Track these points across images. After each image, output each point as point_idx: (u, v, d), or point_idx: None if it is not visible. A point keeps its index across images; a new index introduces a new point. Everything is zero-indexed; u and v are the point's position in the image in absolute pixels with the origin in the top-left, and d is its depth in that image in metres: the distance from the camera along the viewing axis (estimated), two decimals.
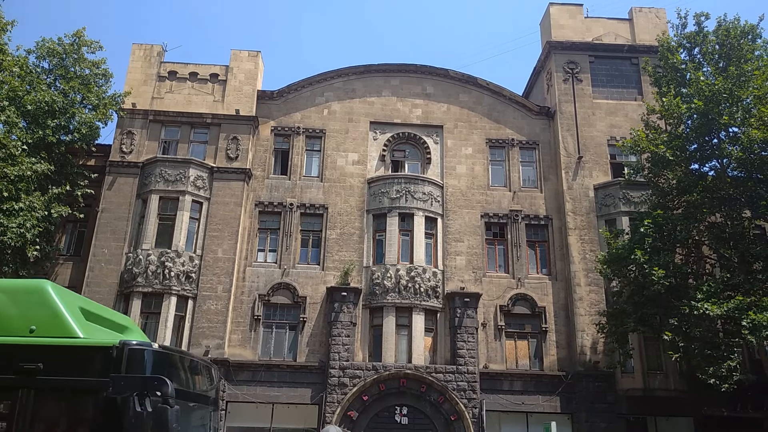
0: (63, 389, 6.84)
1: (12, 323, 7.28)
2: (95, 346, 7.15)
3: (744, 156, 19.02)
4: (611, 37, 27.47)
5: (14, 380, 6.73)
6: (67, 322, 7.36)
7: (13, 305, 7.45)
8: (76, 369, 6.88)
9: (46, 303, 7.52)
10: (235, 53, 26.74)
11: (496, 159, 26.16)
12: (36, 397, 6.72)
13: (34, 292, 7.67)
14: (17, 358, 6.80)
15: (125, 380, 6.60)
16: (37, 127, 21.53)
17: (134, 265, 22.39)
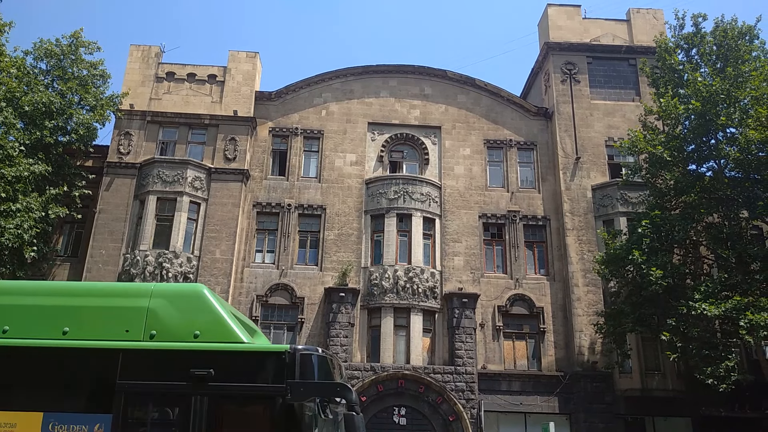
0: (236, 396, 6.75)
1: (176, 328, 7.21)
2: (267, 351, 7.14)
3: (741, 157, 19.06)
4: (609, 38, 27.52)
5: (187, 387, 6.63)
6: (231, 328, 7.30)
7: (175, 310, 7.39)
8: (247, 375, 6.81)
9: (206, 308, 7.46)
10: (233, 54, 26.75)
11: (494, 160, 26.18)
12: (210, 404, 6.61)
13: (193, 296, 7.61)
14: (187, 364, 6.69)
15: (304, 386, 6.51)
16: (34, 128, 21.51)
17: (132, 266, 22.37)
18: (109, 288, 9.11)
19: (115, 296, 7.84)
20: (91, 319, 7.37)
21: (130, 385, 6.75)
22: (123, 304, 7.55)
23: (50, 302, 7.60)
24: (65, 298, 7.68)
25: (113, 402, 6.68)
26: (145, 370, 6.93)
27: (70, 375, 7.07)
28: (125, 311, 7.43)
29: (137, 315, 7.35)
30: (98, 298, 7.73)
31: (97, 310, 7.50)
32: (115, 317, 7.38)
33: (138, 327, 7.26)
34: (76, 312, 7.43)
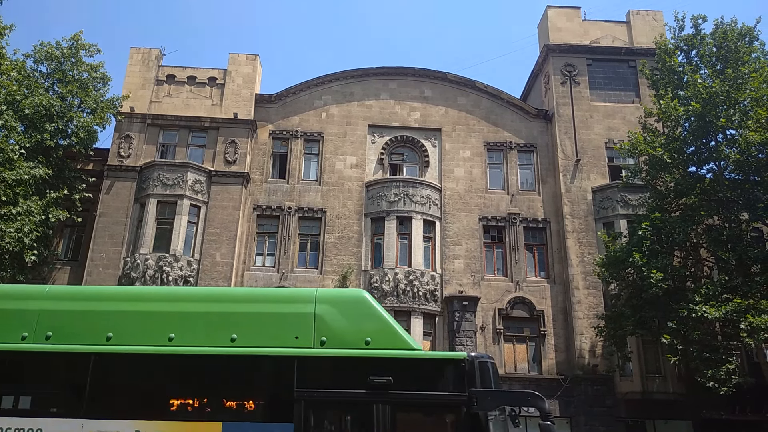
0: (417, 404, 6.67)
1: (345, 335, 7.14)
2: (446, 359, 7.12)
3: (741, 158, 19.03)
4: (609, 39, 27.51)
5: (367, 395, 6.55)
6: (401, 335, 7.24)
7: (342, 317, 7.30)
8: (425, 382, 6.73)
9: (373, 314, 7.39)
10: (234, 57, 26.77)
11: (494, 162, 26.17)
12: (391, 412, 6.52)
13: (358, 302, 7.53)
14: (365, 372, 6.62)
15: (491, 395, 6.44)
16: (35, 131, 21.52)
17: (132, 269, 22.36)
18: (274, 294, 8.99)
19: (280, 302, 7.72)
20: (259, 326, 7.28)
21: (308, 394, 6.63)
22: (289, 311, 7.44)
23: (216, 309, 7.51)
24: (231, 305, 7.60)
25: (293, 411, 6.56)
26: (321, 378, 6.84)
27: (246, 383, 6.96)
28: (292, 318, 7.32)
29: (305, 321, 7.24)
30: (263, 305, 7.63)
31: (263, 316, 7.39)
32: (282, 324, 7.28)
33: (307, 334, 7.15)
34: (242, 319, 7.33)
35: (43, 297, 7.69)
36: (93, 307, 7.59)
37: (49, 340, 7.24)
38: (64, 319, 7.41)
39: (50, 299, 7.64)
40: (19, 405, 6.96)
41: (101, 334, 7.23)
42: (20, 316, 7.43)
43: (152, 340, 7.16)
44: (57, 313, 7.46)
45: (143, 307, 7.59)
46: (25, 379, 7.17)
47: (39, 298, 7.65)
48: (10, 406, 6.93)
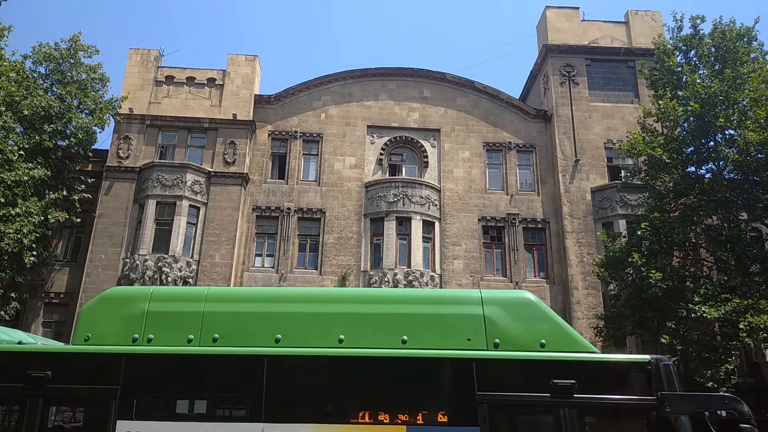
0: (602, 408, 6.58)
1: (518, 337, 7.06)
2: (630, 361, 7.00)
3: (740, 158, 19.02)
4: (607, 40, 27.55)
5: (551, 398, 6.47)
6: (577, 336, 7.16)
7: (512, 318, 7.22)
8: (608, 386, 6.64)
9: (544, 316, 7.31)
10: (233, 57, 26.77)
11: (494, 162, 26.19)
12: (578, 416, 6.47)
13: (526, 304, 7.44)
14: (546, 375, 6.54)
15: (685, 399, 6.37)
16: (33, 132, 21.50)
17: (131, 270, 22.35)
18: (440, 295, 8.82)
19: (447, 304, 7.64)
20: (428, 327, 7.20)
21: (491, 397, 6.53)
22: (457, 312, 7.36)
23: (385, 310, 7.42)
24: (399, 306, 7.52)
25: (477, 414, 6.47)
26: (501, 381, 6.74)
27: (425, 386, 6.84)
28: (461, 319, 7.24)
29: (475, 323, 7.17)
30: (431, 306, 7.54)
31: (432, 318, 7.31)
32: (452, 326, 7.20)
33: (479, 336, 7.07)
34: (412, 320, 7.27)
35: (204, 299, 7.61)
36: (259, 308, 7.53)
37: (216, 342, 7.17)
38: (230, 320, 7.35)
39: (212, 301, 7.57)
40: (195, 409, 6.87)
41: (270, 335, 7.17)
42: (184, 318, 7.39)
43: (322, 341, 7.10)
44: (221, 315, 7.40)
45: (311, 308, 7.53)
46: (199, 382, 7.04)
47: (200, 300, 7.59)
48: (186, 411, 6.83)
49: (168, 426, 6.65)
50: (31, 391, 6.78)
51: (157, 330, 7.30)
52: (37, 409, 6.73)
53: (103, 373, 6.99)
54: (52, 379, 6.78)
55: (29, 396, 6.79)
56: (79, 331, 7.48)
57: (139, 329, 7.31)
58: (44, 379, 6.76)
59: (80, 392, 7.00)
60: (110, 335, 7.31)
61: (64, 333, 21.90)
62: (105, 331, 7.35)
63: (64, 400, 7.02)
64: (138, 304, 7.52)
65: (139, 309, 7.45)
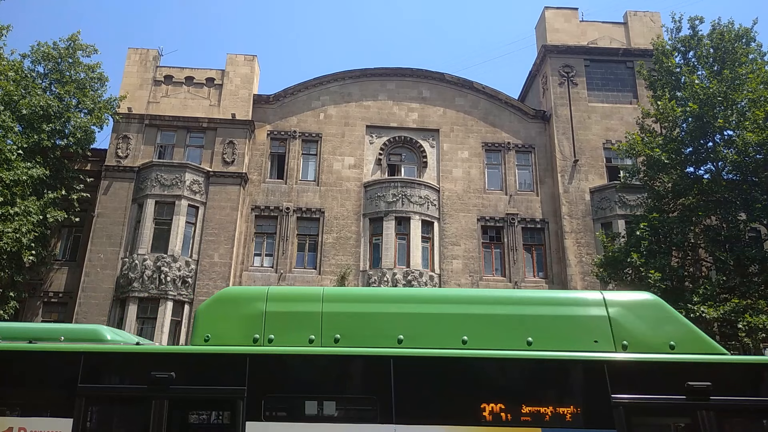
0: (739, 410, 6.65)
1: (647, 339, 7.08)
2: (764, 363, 7.02)
3: (739, 159, 19.04)
4: (606, 40, 27.60)
5: (690, 401, 6.51)
6: (708, 338, 7.17)
7: (639, 320, 7.23)
8: (742, 387, 6.73)
9: (671, 317, 7.34)
10: (231, 57, 26.75)
11: (492, 162, 26.22)
12: (716, 419, 6.46)
13: (652, 305, 7.46)
14: (681, 377, 6.57)
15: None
16: (32, 132, 21.49)
17: (130, 270, 22.32)
18: (563, 297, 8.73)
19: (570, 305, 7.62)
20: (553, 329, 7.21)
21: (627, 399, 6.54)
22: (581, 313, 7.37)
23: (508, 311, 7.42)
24: (522, 307, 7.52)
25: (613, 417, 6.48)
26: (633, 383, 6.71)
27: (558, 388, 6.84)
28: (586, 321, 7.25)
29: (601, 325, 7.16)
30: (554, 307, 7.54)
31: (557, 319, 7.31)
32: (578, 327, 7.20)
33: (606, 337, 7.08)
34: (536, 322, 7.28)
35: (321, 299, 7.60)
36: (380, 309, 7.53)
37: (338, 343, 7.16)
38: (350, 321, 7.35)
39: (330, 301, 7.57)
40: (324, 411, 6.83)
41: (392, 336, 7.16)
42: (303, 318, 7.37)
43: (445, 342, 7.08)
44: (341, 316, 7.38)
45: (434, 309, 7.52)
46: (326, 383, 7.01)
47: (317, 300, 7.57)
48: (314, 412, 6.79)
49: (298, 427, 6.61)
50: (155, 392, 6.73)
51: (277, 330, 7.29)
52: (162, 410, 6.68)
53: (228, 373, 6.93)
54: (176, 380, 6.75)
55: (154, 398, 6.73)
56: (198, 331, 7.44)
57: (259, 329, 7.30)
58: (168, 380, 6.72)
59: (206, 393, 6.94)
60: (230, 335, 7.29)
61: None
62: (224, 332, 7.33)
63: (189, 402, 6.98)
64: (255, 304, 7.52)
65: (257, 309, 7.45)
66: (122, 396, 7.04)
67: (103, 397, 6.98)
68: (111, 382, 7.21)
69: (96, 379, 7.02)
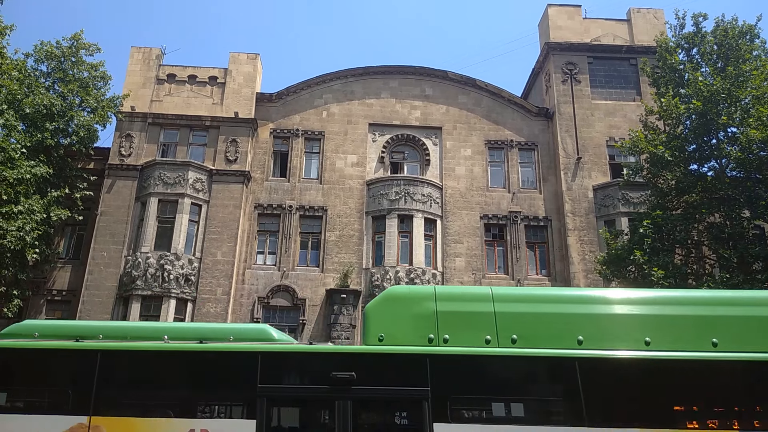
0: None
1: None
2: None
3: (743, 156, 18.98)
4: (609, 38, 27.51)
5: None
6: None
7: None
8: None
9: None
10: (234, 56, 26.77)
11: (495, 160, 26.18)
12: None
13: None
14: None
15: None
16: (35, 131, 21.54)
17: (133, 268, 22.38)
18: (748, 297, 8.54)
19: (756, 305, 7.57)
20: (742, 330, 7.15)
21: None
22: (764, 314, 7.35)
23: (692, 312, 7.38)
24: (708, 308, 7.45)
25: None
26: None
27: (761, 391, 6.76)
28: None
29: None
30: (741, 308, 7.49)
31: (745, 320, 7.26)
32: (765, 328, 7.17)
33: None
34: (723, 323, 7.22)
35: (491, 299, 7.51)
36: (558, 309, 7.46)
37: (515, 343, 7.07)
38: (526, 321, 7.26)
39: (501, 301, 7.48)
40: (512, 412, 6.74)
41: (571, 337, 7.07)
42: (476, 318, 7.29)
43: (626, 344, 7.04)
44: (515, 316, 7.34)
45: (614, 310, 7.48)
46: (510, 384, 6.94)
47: (488, 300, 7.49)
48: (503, 413, 6.71)
49: (487, 430, 6.53)
50: (338, 393, 6.66)
51: (451, 330, 7.20)
52: (346, 411, 6.62)
53: (410, 373, 6.85)
54: (357, 381, 6.66)
55: (337, 398, 6.65)
56: (371, 330, 7.37)
57: (432, 329, 7.21)
58: (350, 381, 6.65)
59: (390, 394, 6.84)
60: (403, 335, 7.21)
61: None
62: (397, 331, 7.26)
63: (373, 403, 6.89)
64: (426, 303, 7.44)
65: (428, 309, 7.37)
66: (304, 397, 6.95)
67: (285, 397, 6.91)
68: (291, 382, 7.13)
69: (276, 379, 6.93)
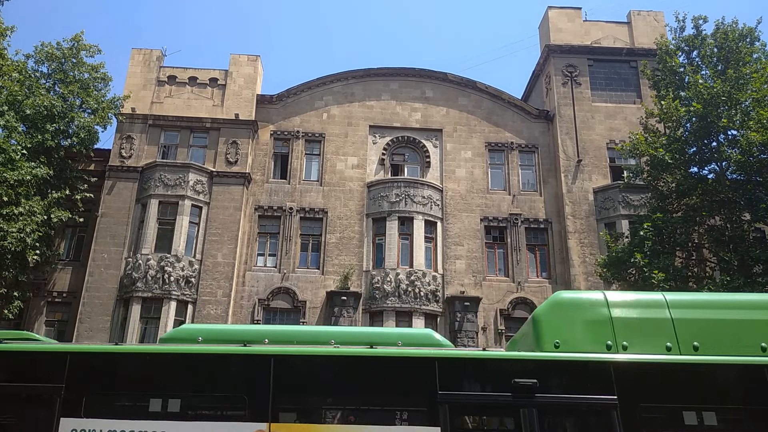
0: None
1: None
2: None
3: (743, 159, 18.98)
4: (610, 40, 27.54)
5: None
6: None
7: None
8: None
9: None
10: (235, 57, 26.78)
11: (496, 162, 26.19)
12: None
13: None
14: None
15: None
16: (36, 132, 21.52)
17: (134, 269, 22.37)
18: None
19: None
20: None
21: None
22: None
23: None
24: None
25: None
26: None
27: None
28: None
29: None
30: None
31: None
32: None
33: None
34: None
35: (665, 305, 7.40)
36: (738, 316, 7.35)
37: (698, 351, 6.96)
38: (705, 328, 7.17)
39: (677, 308, 7.36)
40: (704, 422, 6.65)
41: (754, 344, 6.98)
42: (653, 325, 7.22)
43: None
44: (694, 322, 7.24)
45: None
46: (698, 392, 6.81)
47: (662, 306, 7.38)
48: (694, 422, 6.62)
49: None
50: (522, 400, 6.55)
51: (628, 336, 7.10)
52: (532, 420, 6.51)
53: (594, 381, 6.78)
54: (541, 388, 6.57)
55: (522, 406, 6.54)
56: (545, 337, 7.22)
57: (609, 336, 7.11)
58: (533, 388, 6.55)
59: (574, 402, 6.75)
60: (579, 342, 7.12)
61: (67, 332, 21.96)
62: (573, 338, 7.16)
63: (558, 411, 6.78)
64: (599, 309, 7.35)
65: (602, 315, 7.28)
66: (487, 404, 6.84)
67: (467, 404, 6.79)
68: (471, 389, 7.01)
69: (456, 385, 6.79)
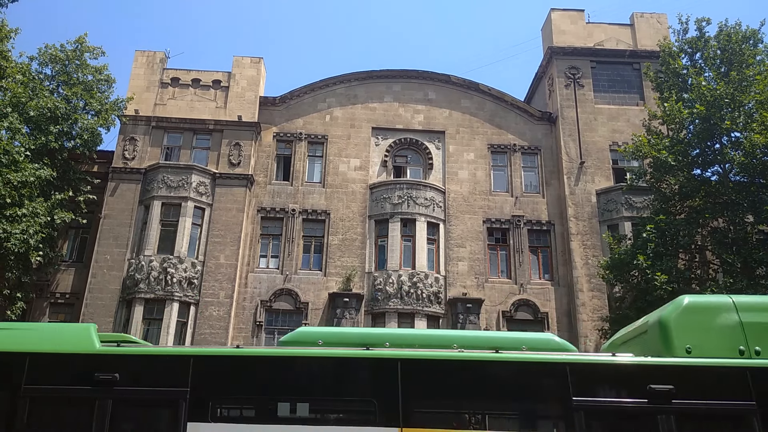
0: None
1: None
2: None
3: (746, 161, 18.98)
4: (613, 42, 27.52)
5: None
6: None
7: None
8: None
9: None
10: (238, 60, 26.82)
11: (498, 164, 26.18)
12: None
13: None
14: None
15: None
16: (39, 133, 21.57)
17: (136, 271, 22.40)
18: None
19: None
20: None
21: None
22: None
23: None
24: None
25: None
26: None
27: None
28: None
29: None
30: None
31: None
32: None
33: None
34: None
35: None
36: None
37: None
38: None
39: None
40: None
41: None
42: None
43: None
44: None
45: None
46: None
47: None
48: None
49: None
50: (659, 406, 6.72)
51: (761, 341, 7.18)
52: (670, 425, 6.70)
53: (730, 387, 6.93)
54: (677, 394, 6.73)
55: (658, 413, 6.72)
56: (676, 342, 7.29)
57: (741, 341, 7.19)
58: (670, 394, 6.72)
59: (711, 408, 6.91)
60: (712, 347, 7.19)
61: None
62: (704, 343, 7.23)
63: (694, 416, 6.91)
64: (728, 314, 7.42)
65: (732, 320, 7.36)
66: (623, 410, 6.93)
67: (602, 411, 6.88)
68: (605, 395, 7.11)
69: (589, 392, 6.91)
